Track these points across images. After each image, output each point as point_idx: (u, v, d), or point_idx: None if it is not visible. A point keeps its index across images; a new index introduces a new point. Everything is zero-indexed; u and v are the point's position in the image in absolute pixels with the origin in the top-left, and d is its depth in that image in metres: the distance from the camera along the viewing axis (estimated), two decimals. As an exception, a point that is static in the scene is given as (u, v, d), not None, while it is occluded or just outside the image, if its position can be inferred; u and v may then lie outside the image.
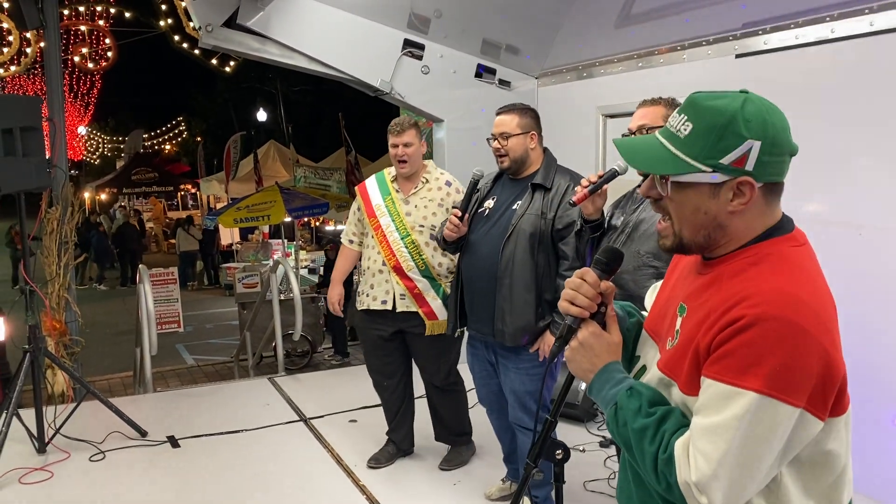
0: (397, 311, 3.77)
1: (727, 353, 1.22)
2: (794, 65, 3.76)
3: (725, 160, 1.27)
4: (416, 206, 3.79)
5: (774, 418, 1.19)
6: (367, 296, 3.85)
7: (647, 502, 1.44)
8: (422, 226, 3.75)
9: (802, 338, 1.19)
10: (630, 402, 1.34)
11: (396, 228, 3.77)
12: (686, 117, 1.31)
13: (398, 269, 3.76)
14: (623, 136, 2.70)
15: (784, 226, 1.35)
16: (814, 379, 1.19)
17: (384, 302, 3.79)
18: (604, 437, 4.33)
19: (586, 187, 2.62)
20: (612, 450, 4.12)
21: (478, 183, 3.28)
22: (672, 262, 1.59)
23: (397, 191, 3.85)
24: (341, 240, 4.14)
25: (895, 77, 3.31)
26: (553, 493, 1.68)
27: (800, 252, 1.32)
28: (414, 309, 3.76)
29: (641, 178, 2.79)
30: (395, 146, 3.74)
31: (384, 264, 3.79)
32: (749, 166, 1.27)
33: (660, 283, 1.63)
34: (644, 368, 1.50)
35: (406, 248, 3.75)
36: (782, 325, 1.19)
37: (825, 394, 1.22)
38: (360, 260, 4.09)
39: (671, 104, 2.75)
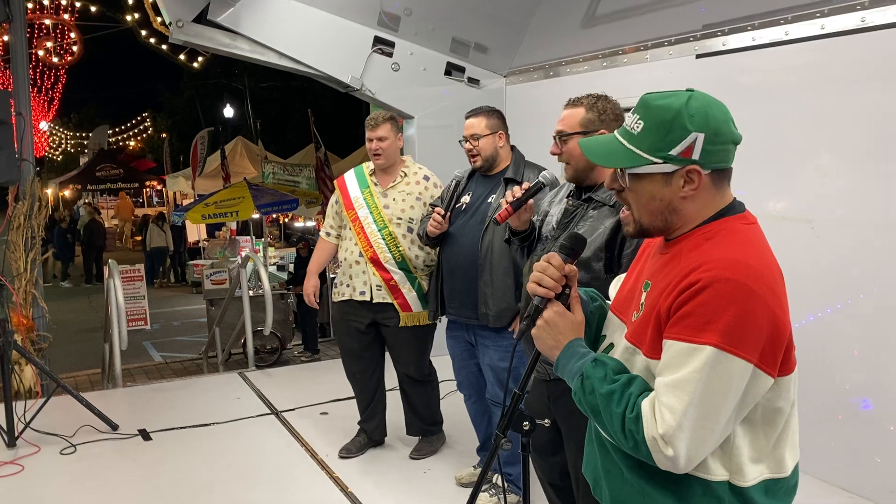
0: (374, 301, 3.86)
1: (685, 314, 1.35)
2: (750, 65, 3.91)
3: (674, 151, 1.43)
4: (394, 200, 3.88)
5: (730, 371, 1.32)
6: (348, 286, 3.93)
7: (611, 470, 1.55)
8: (399, 218, 3.84)
9: (751, 297, 1.33)
10: (595, 371, 1.46)
11: (374, 220, 3.86)
12: (638, 116, 1.47)
13: (375, 261, 3.84)
14: (553, 136, 2.71)
15: (735, 207, 1.51)
16: (763, 336, 1.33)
17: (363, 293, 3.88)
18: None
19: (510, 203, 2.63)
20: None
21: (459, 183, 3.52)
22: (637, 256, 1.72)
23: (375, 184, 3.94)
24: (320, 233, 4.21)
25: (844, 78, 3.47)
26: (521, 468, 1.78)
27: (750, 229, 1.48)
28: (389, 300, 3.85)
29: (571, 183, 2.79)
30: (370, 140, 3.84)
31: (361, 255, 3.87)
32: (695, 156, 1.43)
33: (623, 274, 1.76)
34: (612, 346, 1.62)
35: (383, 239, 3.83)
36: (733, 286, 1.33)
37: (774, 352, 1.36)
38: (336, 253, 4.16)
39: (594, 105, 2.57)
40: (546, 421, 1.77)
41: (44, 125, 28.66)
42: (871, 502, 3.42)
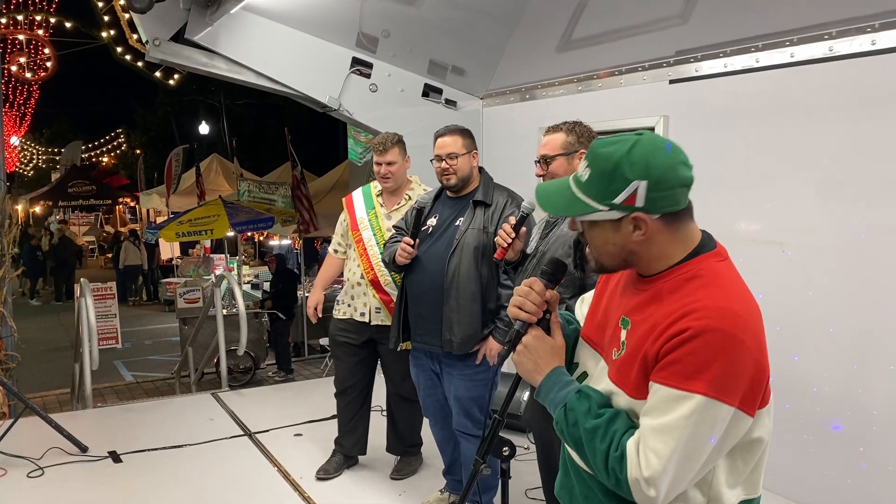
0: (372, 323, 3.87)
1: (674, 360, 1.37)
2: (722, 91, 3.99)
3: (618, 200, 1.44)
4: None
5: (715, 417, 1.35)
6: (350, 306, 3.95)
7: (589, 496, 1.56)
8: None
9: (738, 347, 1.36)
10: (580, 404, 1.48)
11: (377, 243, 3.88)
12: (587, 163, 1.49)
13: (375, 283, 3.86)
14: (535, 161, 2.92)
15: (707, 243, 1.52)
16: (746, 382, 1.37)
17: (363, 314, 3.91)
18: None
19: (505, 241, 2.82)
20: (553, 459, 4.26)
21: (423, 210, 3.46)
22: (602, 276, 1.74)
23: (381, 205, 3.96)
24: (329, 248, 4.22)
25: (813, 104, 3.55)
26: (499, 498, 1.78)
27: (726, 266, 1.50)
28: (388, 323, 3.84)
29: None
30: (379, 164, 3.84)
31: (362, 277, 3.89)
32: (639, 203, 1.44)
33: (589, 294, 1.78)
34: (585, 374, 1.63)
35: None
36: (722, 337, 1.35)
37: (754, 393, 1.40)
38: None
39: (572, 129, 2.90)
40: (526, 446, 1.77)
41: (15, 140, 28.29)
42: (841, 522, 3.46)
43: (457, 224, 3.35)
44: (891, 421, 3.28)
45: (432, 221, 3.45)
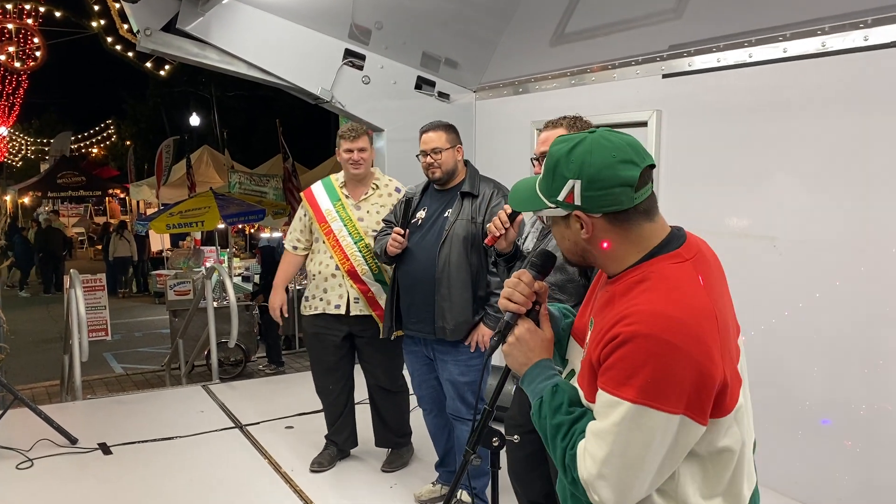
0: (351, 314, 3.86)
1: (609, 366, 1.38)
2: (715, 85, 3.99)
3: (560, 197, 1.47)
4: (367, 212, 3.91)
5: (650, 424, 1.33)
6: (321, 300, 3.92)
7: (574, 493, 1.54)
8: (374, 231, 3.85)
9: (672, 352, 1.32)
10: (553, 399, 1.49)
11: (350, 233, 3.86)
12: (544, 160, 1.51)
13: (352, 274, 3.85)
14: (531, 159, 2.90)
15: (669, 243, 1.47)
16: (688, 388, 1.33)
17: (338, 306, 3.87)
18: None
19: (499, 229, 2.73)
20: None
21: (412, 200, 3.53)
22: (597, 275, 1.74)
23: (347, 196, 3.94)
24: (285, 246, 4.16)
25: (805, 100, 3.56)
26: (490, 484, 1.79)
27: (681, 269, 1.43)
28: (367, 312, 3.86)
29: None
30: (351, 151, 3.84)
31: (337, 269, 3.86)
32: (577, 201, 1.45)
33: None
34: (573, 372, 1.63)
35: (360, 252, 3.85)
36: (652, 343, 1.33)
37: (702, 400, 1.35)
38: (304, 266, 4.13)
39: (573, 125, 2.85)
40: (516, 437, 1.77)
41: (3, 130, 28.09)
42: (829, 515, 3.49)
43: (445, 216, 3.41)
44: (879, 414, 3.31)
45: (421, 214, 3.50)
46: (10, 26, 12.49)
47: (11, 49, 13.02)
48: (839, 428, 3.45)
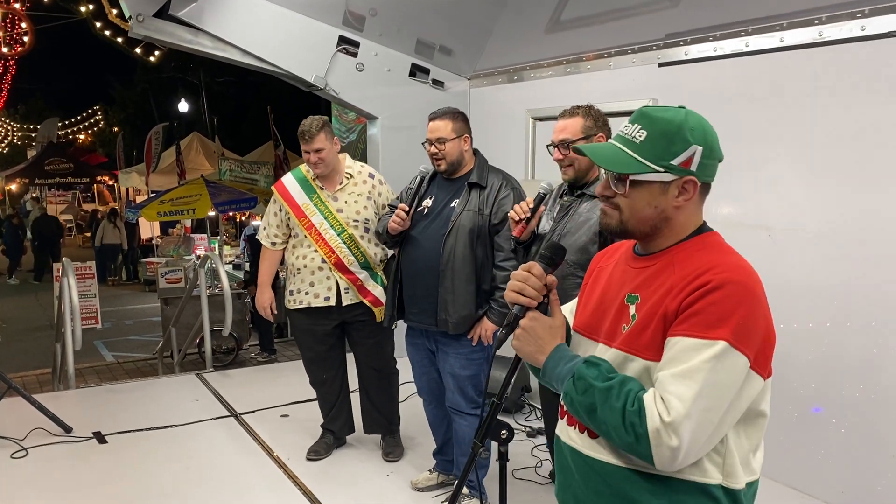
0: (343, 304, 3.85)
1: (695, 312, 1.40)
2: (711, 74, 3.99)
3: (675, 161, 1.49)
4: (346, 202, 3.87)
5: (735, 367, 1.38)
6: (308, 294, 3.88)
7: (599, 489, 1.54)
8: (356, 220, 3.83)
9: (756, 302, 1.42)
10: (589, 371, 1.48)
11: (331, 226, 3.83)
12: (640, 126, 1.52)
13: (340, 265, 3.82)
14: (547, 146, 2.96)
15: (706, 226, 1.57)
16: (760, 338, 1.42)
17: (327, 298, 3.85)
18: (531, 427, 4.50)
19: (522, 220, 2.86)
20: (539, 439, 4.29)
21: (424, 179, 3.46)
22: (588, 271, 1.75)
23: (321, 188, 3.90)
24: (263, 242, 4.07)
25: (801, 90, 3.57)
26: (487, 477, 1.79)
27: (728, 244, 1.56)
28: (358, 300, 3.85)
29: (564, 183, 3.01)
30: (307, 153, 3.80)
31: (324, 262, 3.83)
32: (693, 167, 1.49)
33: (571, 302, 1.77)
34: None
35: (344, 243, 3.82)
36: (743, 289, 1.41)
37: (766, 354, 1.44)
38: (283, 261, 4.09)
39: (588, 113, 2.96)
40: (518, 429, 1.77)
41: (-10, 116, 27.81)
42: (822, 502, 3.53)
43: (452, 206, 3.35)
44: (873, 402, 3.34)
45: (428, 202, 3.45)
46: (-4, 11, 12.34)
47: (-1, 34, 12.88)
48: (833, 415, 3.48)
